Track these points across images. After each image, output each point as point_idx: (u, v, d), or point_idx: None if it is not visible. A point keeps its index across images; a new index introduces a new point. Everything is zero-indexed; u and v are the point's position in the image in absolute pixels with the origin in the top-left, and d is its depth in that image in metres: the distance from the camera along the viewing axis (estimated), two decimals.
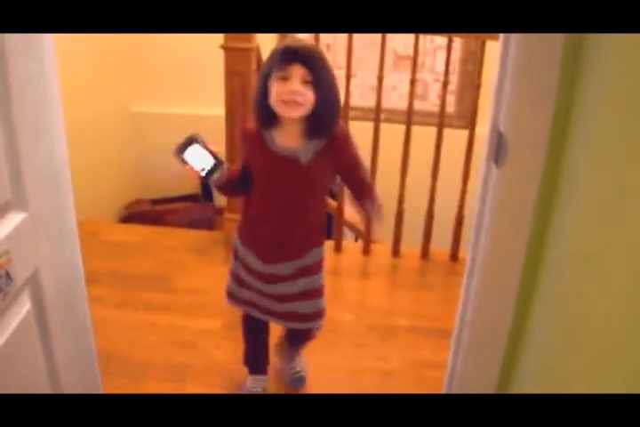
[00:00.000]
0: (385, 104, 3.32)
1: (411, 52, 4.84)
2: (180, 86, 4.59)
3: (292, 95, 1.86)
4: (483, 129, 3.13)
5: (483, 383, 1.78)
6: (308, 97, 1.87)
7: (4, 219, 1.26)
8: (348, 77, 3.17)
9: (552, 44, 1.31)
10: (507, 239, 1.54)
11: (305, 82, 1.86)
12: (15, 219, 1.29)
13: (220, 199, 4.78)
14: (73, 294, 1.59)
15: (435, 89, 4.94)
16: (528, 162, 1.42)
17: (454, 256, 3.50)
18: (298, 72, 1.85)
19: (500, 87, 1.44)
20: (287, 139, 1.99)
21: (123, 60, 4.44)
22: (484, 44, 3.04)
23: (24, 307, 1.35)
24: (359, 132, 3.36)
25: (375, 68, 3.22)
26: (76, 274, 1.60)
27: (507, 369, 1.75)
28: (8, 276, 1.24)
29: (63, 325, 1.53)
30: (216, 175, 1.95)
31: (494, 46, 3.03)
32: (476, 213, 1.63)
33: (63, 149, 1.46)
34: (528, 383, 1.60)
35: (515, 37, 1.36)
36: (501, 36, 1.44)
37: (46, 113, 1.38)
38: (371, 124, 3.35)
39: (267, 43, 2.92)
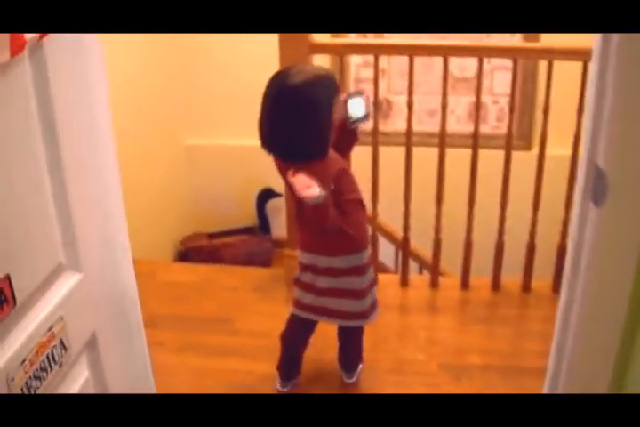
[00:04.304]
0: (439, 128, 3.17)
1: (467, 74, 4.76)
2: (235, 117, 4.50)
3: None
4: (551, 151, 3.08)
5: None
6: None
7: (57, 282, 1.15)
8: (410, 104, 3.04)
9: None
10: (610, 282, 1.39)
11: None
12: (69, 281, 1.18)
13: (277, 231, 4.69)
14: (134, 355, 1.47)
15: (493, 111, 4.78)
16: (633, 201, 1.26)
17: (526, 287, 3.32)
18: None
19: (597, 116, 1.29)
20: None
21: (175, 93, 4.39)
22: (550, 64, 2.88)
23: (81, 377, 1.24)
24: (419, 159, 3.26)
25: (431, 91, 3.10)
26: (136, 332, 1.49)
27: None
28: (62, 345, 1.14)
29: (124, 390, 1.42)
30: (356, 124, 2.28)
31: (560, 66, 2.93)
32: (571, 253, 1.48)
33: (119, 203, 1.35)
34: None
35: (614, 57, 1.21)
36: (596, 55, 1.29)
37: (99, 166, 1.28)
38: (431, 150, 3.22)
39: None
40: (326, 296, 2.38)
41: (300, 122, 2.11)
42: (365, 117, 2.28)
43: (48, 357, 1.09)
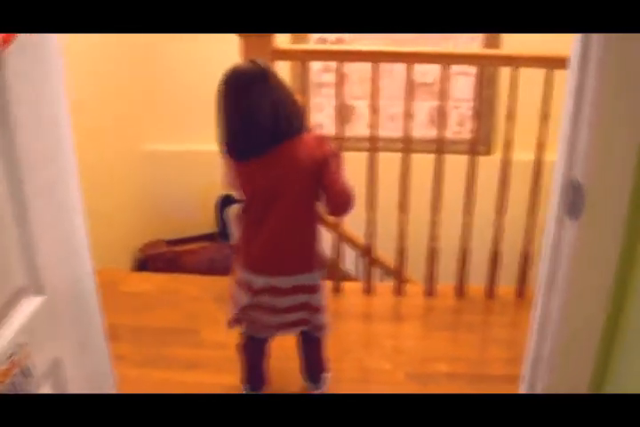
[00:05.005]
0: (403, 133, 3.15)
1: (427, 79, 4.75)
2: (194, 123, 4.44)
3: None
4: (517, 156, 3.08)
5: None
6: None
7: (18, 307, 1.09)
8: (375, 110, 3.01)
9: (635, 83, 1.15)
10: (587, 295, 1.38)
11: None
12: (31, 305, 1.12)
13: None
14: (100, 379, 1.41)
15: (454, 116, 4.78)
16: (610, 215, 1.25)
17: (491, 293, 3.32)
18: None
19: (574, 129, 1.27)
20: None
21: (134, 99, 4.31)
22: (515, 71, 2.87)
23: None
24: (380, 164, 3.23)
25: (392, 96, 3.07)
26: (100, 351, 1.43)
27: None
28: (26, 372, 1.08)
29: None
30: None
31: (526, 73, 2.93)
32: (547, 266, 1.46)
33: (81, 219, 1.29)
34: None
35: (592, 70, 1.19)
36: (573, 68, 1.27)
37: (62, 181, 1.22)
38: (392, 156, 3.20)
39: None
40: (286, 313, 2.34)
41: (285, 96, 2.11)
42: None
43: (10, 386, 1.03)
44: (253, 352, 2.52)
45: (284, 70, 2.98)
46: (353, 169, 3.16)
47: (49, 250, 1.18)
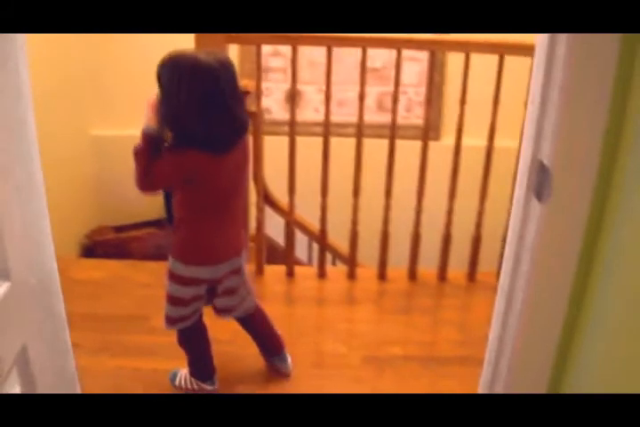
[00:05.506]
0: (352, 118, 3.15)
1: (376, 65, 4.76)
2: (141, 108, 4.38)
3: None
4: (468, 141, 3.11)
5: None
6: None
7: None
8: (327, 95, 3.01)
9: (604, 66, 1.17)
10: (552, 278, 1.40)
11: None
12: None
13: None
14: (64, 366, 1.39)
15: (402, 101, 4.80)
16: (576, 198, 1.27)
17: (442, 276, 3.36)
18: None
19: (541, 111, 1.28)
20: None
21: (82, 82, 4.22)
22: (467, 57, 2.90)
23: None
24: (331, 149, 3.23)
25: (340, 82, 3.09)
26: (64, 344, 1.41)
27: None
28: None
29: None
30: None
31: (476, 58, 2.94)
32: (512, 249, 1.47)
33: (42, 203, 1.26)
34: None
35: (561, 51, 1.21)
36: (541, 48, 1.28)
37: (22, 167, 1.19)
38: (341, 140, 3.22)
39: None
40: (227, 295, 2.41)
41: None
42: None
43: None
44: (201, 343, 2.49)
45: (232, 54, 2.96)
46: (300, 153, 3.18)
47: (13, 233, 1.15)
